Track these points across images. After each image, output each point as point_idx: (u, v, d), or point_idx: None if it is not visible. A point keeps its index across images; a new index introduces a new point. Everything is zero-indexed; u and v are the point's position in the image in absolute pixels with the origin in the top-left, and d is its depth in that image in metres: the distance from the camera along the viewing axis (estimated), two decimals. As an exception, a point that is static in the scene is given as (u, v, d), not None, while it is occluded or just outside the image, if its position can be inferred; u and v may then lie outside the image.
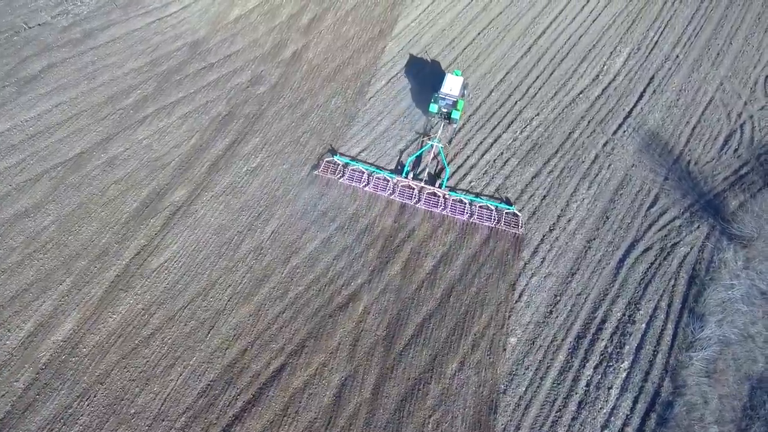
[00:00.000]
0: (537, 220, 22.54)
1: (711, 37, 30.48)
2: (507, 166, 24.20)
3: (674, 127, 26.04)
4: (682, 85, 27.89)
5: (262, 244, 20.40)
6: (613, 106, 26.72)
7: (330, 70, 27.24)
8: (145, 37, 27.01)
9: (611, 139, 25.34)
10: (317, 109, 25.46)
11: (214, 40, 27.46)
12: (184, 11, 28.56)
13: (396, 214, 22.14)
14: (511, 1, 31.19)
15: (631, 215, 22.78)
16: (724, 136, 25.99)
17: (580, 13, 30.83)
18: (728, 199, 23.43)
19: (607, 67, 28.34)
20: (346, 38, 28.83)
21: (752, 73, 28.91)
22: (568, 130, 25.68)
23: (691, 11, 31.71)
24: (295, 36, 28.46)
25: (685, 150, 25.25)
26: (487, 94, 27.01)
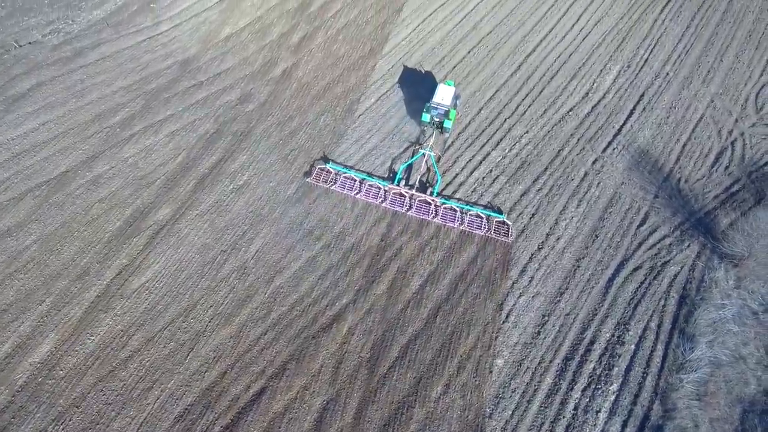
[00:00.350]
0: (525, 238, 22.29)
1: (701, 54, 30.54)
2: (496, 184, 24.04)
3: (664, 145, 25.92)
4: (673, 102, 27.85)
5: (246, 264, 20.15)
6: (602, 123, 26.64)
7: (320, 88, 27.25)
8: (136, 56, 27.09)
9: (601, 157, 25.20)
10: (306, 126, 25.39)
11: (205, 59, 27.53)
12: (175, 30, 28.70)
13: (383, 233, 21.92)
14: (501, 20, 31.33)
15: (621, 233, 22.53)
16: (715, 153, 25.86)
17: (570, 32, 30.94)
18: (719, 218, 23.20)
19: (597, 84, 28.34)
20: (337, 56, 28.91)
21: (743, 90, 28.90)
22: (557, 147, 25.56)
23: (681, 29, 31.82)
24: (285, 54, 28.54)
25: (675, 167, 25.09)
26: (476, 111, 26.97)
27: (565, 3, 32.48)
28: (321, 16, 30.73)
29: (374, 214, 22.42)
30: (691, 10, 33.00)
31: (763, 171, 25.31)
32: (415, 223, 22.33)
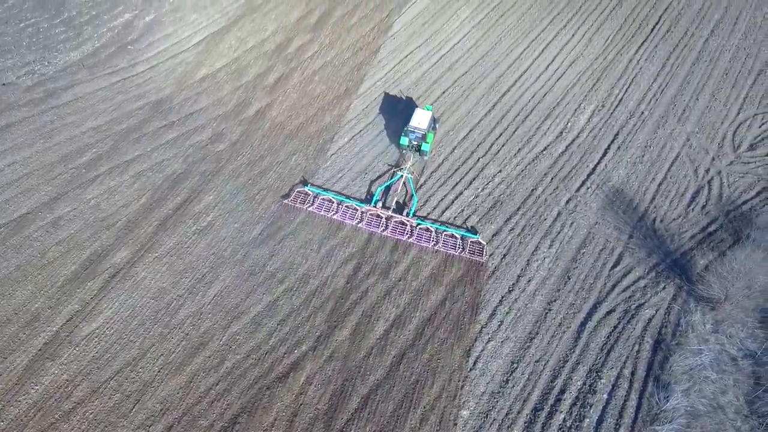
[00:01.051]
0: (496, 280, 21.65)
1: (677, 93, 30.66)
2: (468, 224, 23.55)
3: (639, 184, 25.61)
4: (648, 141, 27.72)
5: (202, 309, 19.45)
6: (576, 162, 26.41)
7: (293, 128, 27.17)
8: (109, 96, 27.13)
9: (574, 196, 24.84)
10: (276, 166, 25.15)
11: (178, 99, 27.57)
12: (151, 71, 28.89)
13: (349, 274, 21.31)
14: (477, 61, 31.59)
15: (594, 275, 21.91)
16: (691, 192, 25.52)
17: (545, 72, 31.15)
18: (696, 258, 22.63)
19: (571, 124, 28.28)
20: (312, 96, 28.99)
21: (720, 128, 28.83)
22: (530, 186, 25.24)
23: (656, 68, 32.06)
24: (260, 94, 28.62)
25: (650, 207, 24.69)
26: (450, 150, 26.79)
27: (540, 44, 32.83)
28: (298, 57, 30.99)
29: (341, 255, 21.84)
30: (666, 49, 33.35)
31: (741, 210, 24.89)
32: (383, 264, 21.75)
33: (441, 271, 21.78)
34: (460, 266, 21.89)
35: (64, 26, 30.77)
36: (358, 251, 22.14)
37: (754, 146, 27.97)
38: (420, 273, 21.62)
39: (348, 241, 22.44)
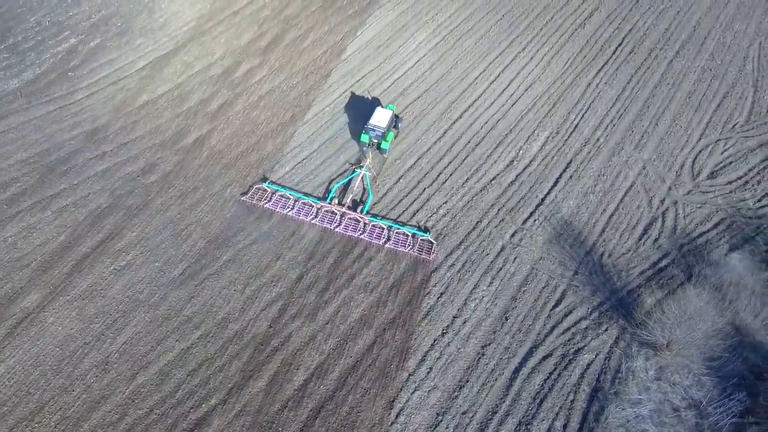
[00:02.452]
0: (430, 321, 20.53)
1: (635, 118, 29.75)
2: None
3: (589, 216, 24.57)
4: (602, 169, 26.72)
5: (109, 358, 18.30)
6: (525, 192, 25.40)
7: (232, 157, 26.20)
8: (42, 126, 26.19)
9: (520, 229, 23.79)
10: (209, 198, 24.13)
11: (114, 128, 26.64)
12: (90, 98, 27.99)
13: (273, 317, 20.18)
14: (430, 86, 30.70)
15: (534, 316, 20.80)
16: (643, 224, 24.50)
17: (500, 97, 30.24)
18: (643, 297, 21.53)
19: (523, 152, 27.31)
20: (255, 123, 28.05)
21: (679, 155, 27.88)
22: (475, 219, 24.21)
23: (615, 92, 31.17)
24: (201, 122, 27.68)
25: (599, 240, 23.64)
26: (395, 180, 25.82)
27: (497, 68, 31.96)
28: (245, 82, 30.11)
29: (268, 295, 20.74)
30: (627, 72, 32.48)
31: (695, 243, 23.87)
32: (311, 305, 20.63)
33: (372, 312, 20.66)
34: (393, 307, 20.77)
35: (8, 52, 29.92)
36: (286, 291, 21.05)
37: (714, 174, 26.98)
38: (350, 315, 20.52)
39: (276, 279, 21.33)
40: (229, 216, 23.48)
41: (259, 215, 23.53)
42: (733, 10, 37.62)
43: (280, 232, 23.09)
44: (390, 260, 22.46)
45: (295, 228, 23.29)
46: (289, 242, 22.78)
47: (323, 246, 22.77)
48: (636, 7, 37.43)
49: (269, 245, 22.39)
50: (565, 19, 35.84)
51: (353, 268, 22.11)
